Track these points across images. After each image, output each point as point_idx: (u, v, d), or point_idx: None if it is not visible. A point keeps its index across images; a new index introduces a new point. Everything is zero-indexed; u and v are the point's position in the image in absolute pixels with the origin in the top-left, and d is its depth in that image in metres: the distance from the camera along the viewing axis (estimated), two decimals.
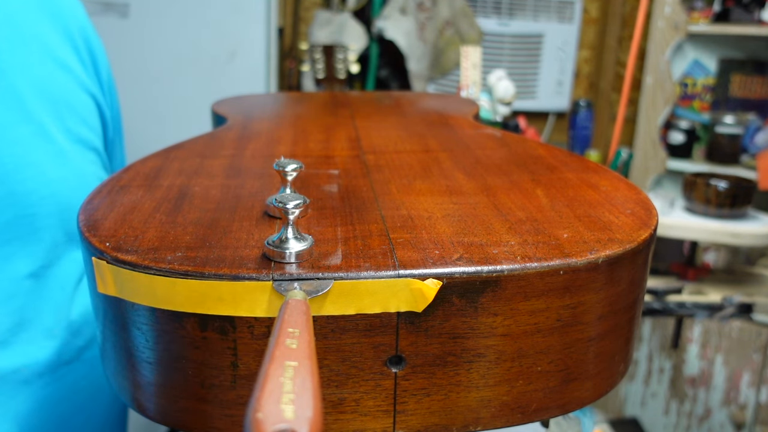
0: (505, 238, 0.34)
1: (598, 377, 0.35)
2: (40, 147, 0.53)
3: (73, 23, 0.59)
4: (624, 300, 0.35)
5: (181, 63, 1.23)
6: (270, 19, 1.25)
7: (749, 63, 1.93)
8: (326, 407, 0.32)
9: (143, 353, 0.33)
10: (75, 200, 0.55)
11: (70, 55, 0.58)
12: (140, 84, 1.22)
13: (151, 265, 0.31)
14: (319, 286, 0.30)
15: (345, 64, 1.01)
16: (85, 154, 0.58)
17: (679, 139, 1.93)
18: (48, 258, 0.54)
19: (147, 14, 1.20)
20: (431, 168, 0.46)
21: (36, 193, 0.52)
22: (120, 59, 1.21)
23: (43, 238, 0.53)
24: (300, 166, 0.36)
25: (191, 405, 0.32)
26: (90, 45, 0.61)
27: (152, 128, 1.21)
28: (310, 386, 0.19)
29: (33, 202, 0.52)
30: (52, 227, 0.54)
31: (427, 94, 0.87)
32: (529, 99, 2.09)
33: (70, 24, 0.59)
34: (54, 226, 0.54)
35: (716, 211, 1.14)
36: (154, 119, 1.20)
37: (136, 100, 1.18)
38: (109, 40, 1.19)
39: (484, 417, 0.33)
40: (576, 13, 2.06)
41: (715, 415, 1.42)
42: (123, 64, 1.21)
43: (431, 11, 1.80)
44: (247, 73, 1.26)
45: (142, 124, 1.22)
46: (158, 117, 1.22)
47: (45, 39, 0.56)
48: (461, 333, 0.31)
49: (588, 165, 0.47)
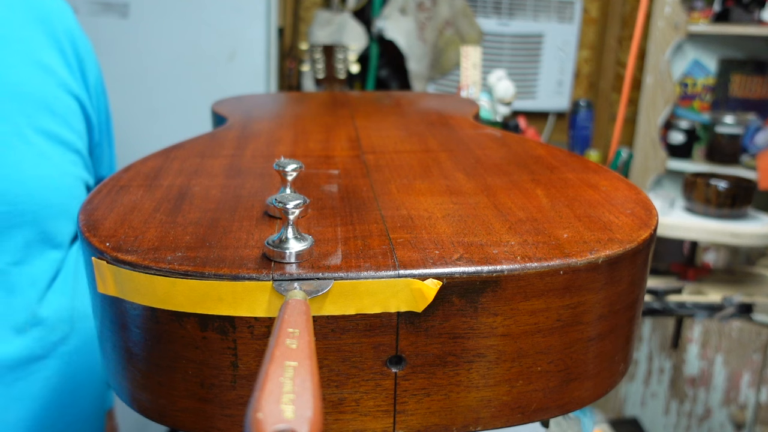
0: (505, 238, 0.34)
1: (598, 377, 0.35)
2: (17, 147, 0.54)
3: (60, 27, 0.60)
4: (624, 300, 0.35)
5: (181, 63, 1.23)
6: (270, 19, 1.25)
7: (749, 63, 1.93)
8: (326, 407, 0.32)
9: (143, 353, 0.33)
10: (54, 200, 0.56)
11: (54, 59, 0.59)
12: (140, 84, 1.22)
13: (151, 265, 0.31)
14: (319, 286, 0.30)
15: (345, 64, 1.01)
16: (66, 155, 0.58)
17: (679, 139, 1.93)
18: (19, 256, 0.55)
19: (147, 14, 1.20)
20: (431, 168, 0.46)
21: (10, 192, 0.53)
22: (120, 59, 1.21)
23: (15, 235, 0.54)
24: (300, 166, 0.36)
25: (191, 405, 0.32)
26: (78, 49, 0.62)
27: (152, 128, 1.21)
28: (310, 386, 0.19)
29: (7, 200, 0.53)
30: (26, 225, 0.54)
31: (427, 94, 0.87)
32: (529, 99, 2.09)
33: (57, 28, 0.60)
34: (28, 224, 0.54)
35: (716, 211, 1.14)
36: (154, 119, 1.20)
37: (136, 100, 1.18)
38: (109, 40, 1.20)
39: (484, 417, 0.33)
40: (576, 13, 2.06)
41: (715, 415, 1.42)
42: (123, 64, 1.21)
43: (431, 11, 1.80)
44: (247, 73, 1.26)
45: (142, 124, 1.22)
46: (158, 117, 1.22)
47: (29, 42, 0.57)
48: (461, 333, 0.31)
49: (588, 165, 0.47)
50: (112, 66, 1.19)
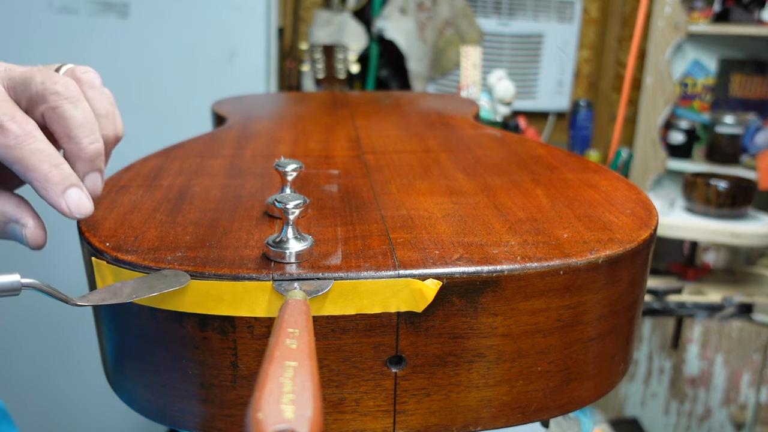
0: (505, 238, 0.34)
1: (598, 377, 0.35)
2: None
3: None
4: (624, 300, 0.35)
5: (181, 63, 1.23)
6: (270, 19, 1.25)
7: (749, 63, 1.93)
8: (326, 407, 0.32)
9: (143, 354, 0.33)
10: None
11: None
12: (140, 84, 1.22)
13: (151, 265, 0.31)
14: (319, 286, 0.30)
15: (345, 64, 1.01)
16: None
17: (679, 139, 1.92)
18: None
19: (147, 14, 1.19)
20: (431, 168, 0.46)
21: None
22: (120, 59, 1.20)
23: None
24: (300, 166, 0.36)
25: (191, 405, 0.32)
26: None
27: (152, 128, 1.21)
28: (310, 386, 0.19)
29: None
30: None
31: (427, 94, 0.87)
32: (529, 99, 2.09)
33: None
34: None
35: (716, 211, 1.14)
36: (154, 119, 1.20)
37: (136, 100, 1.18)
38: (109, 40, 1.19)
39: (484, 417, 0.33)
40: (576, 13, 2.06)
41: (715, 415, 1.42)
42: (123, 64, 1.21)
43: (431, 11, 1.80)
44: (247, 73, 1.26)
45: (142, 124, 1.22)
46: (158, 117, 1.22)
47: None
48: (461, 333, 0.31)
49: (588, 165, 0.47)
50: (112, 66, 1.18)
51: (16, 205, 0.32)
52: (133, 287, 0.30)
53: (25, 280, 0.28)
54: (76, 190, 0.32)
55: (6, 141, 0.30)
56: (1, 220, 0.32)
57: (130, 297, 0.30)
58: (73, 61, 0.38)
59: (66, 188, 0.31)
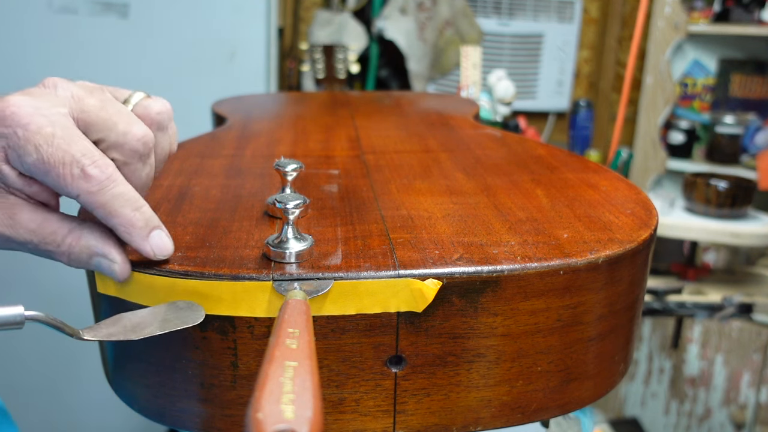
0: (505, 238, 0.34)
1: (598, 377, 0.35)
2: None
3: None
4: (624, 300, 0.35)
5: (181, 63, 1.23)
6: (270, 19, 1.25)
7: (749, 63, 1.93)
8: (326, 407, 0.32)
9: (143, 353, 0.33)
10: None
11: None
12: (140, 84, 1.22)
13: (151, 265, 0.31)
14: (319, 286, 0.30)
15: (345, 64, 1.01)
16: None
17: (679, 139, 1.92)
18: None
19: (147, 14, 1.19)
20: (431, 168, 0.46)
21: None
22: (120, 59, 1.20)
23: None
24: (300, 166, 0.36)
25: (191, 405, 0.32)
26: None
27: None
28: (310, 386, 0.19)
29: None
30: None
31: (427, 94, 0.87)
32: (529, 99, 2.09)
33: None
34: None
35: (716, 211, 1.14)
36: None
37: None
38: (109, 40, 1.19)
39: (484, 417, 0.33)
40: (576, 13, 2.06)
41: (715, 415, 1.42)
42: (123, 64, 1.21)
43: (431, 11, 1.80)
44: (247, 73, 1.26)
45: None
46: None
47: None
48: (461, 333, 0.31)
49: (588, 165, 0.47)
50: (112, 66, 1.18)
51: (102, 238, 0.31)
52: (144, 320, 0.30)
53: (29, 313, 0.27)
54: (158, 232, 0.31)
55: (89, 187, 0.29)
56: (85, 253, 0.31)
57: (143, 334, 0.29)
58: (73, 61, 0.37)
59: (149, 232, 0.31)
